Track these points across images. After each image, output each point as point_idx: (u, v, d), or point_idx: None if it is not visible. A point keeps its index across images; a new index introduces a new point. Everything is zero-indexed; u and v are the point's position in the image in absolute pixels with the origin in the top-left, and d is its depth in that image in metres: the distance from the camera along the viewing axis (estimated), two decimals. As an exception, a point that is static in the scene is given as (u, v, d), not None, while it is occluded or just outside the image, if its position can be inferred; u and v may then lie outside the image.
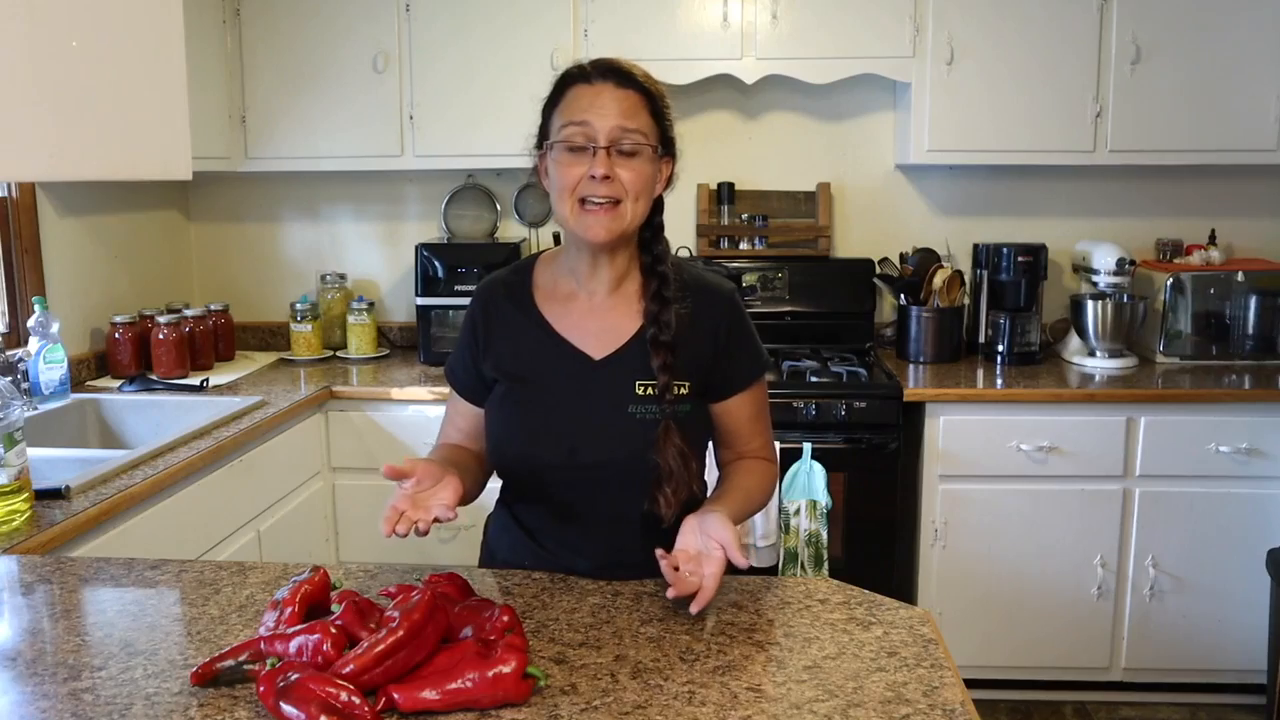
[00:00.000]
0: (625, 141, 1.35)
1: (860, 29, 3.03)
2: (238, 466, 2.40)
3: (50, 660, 1.19)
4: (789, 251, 3.39)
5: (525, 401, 1.45)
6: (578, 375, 1.43)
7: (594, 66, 1.38)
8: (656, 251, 1.45)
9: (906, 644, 1.21)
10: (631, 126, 1.36)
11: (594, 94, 1.36)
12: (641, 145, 1.37)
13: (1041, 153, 3.07)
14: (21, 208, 2.69)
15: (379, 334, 3.40)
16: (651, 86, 1.40)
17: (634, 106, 1.37)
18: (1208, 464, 2.81)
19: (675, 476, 1.38)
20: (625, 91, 1.37)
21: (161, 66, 1.93)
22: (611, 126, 1.35)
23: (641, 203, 1.39)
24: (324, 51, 3.11)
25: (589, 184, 1.35)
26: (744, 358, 1.49)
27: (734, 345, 1.48)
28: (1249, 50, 2.98)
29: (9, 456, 1.69)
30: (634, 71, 1.39)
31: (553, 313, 1.47)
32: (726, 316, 1.47)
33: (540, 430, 1.43)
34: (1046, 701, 3.00)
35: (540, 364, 1.45)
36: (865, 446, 2.82)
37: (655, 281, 1.43)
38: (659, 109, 1.40)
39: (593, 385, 1.43)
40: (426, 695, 1.05)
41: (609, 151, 1.35)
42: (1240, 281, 3.07)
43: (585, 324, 1.45)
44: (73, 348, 2.81)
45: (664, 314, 1.41)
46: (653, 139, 1.39)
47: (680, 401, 1.42)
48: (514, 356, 1.46)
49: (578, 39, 3.05)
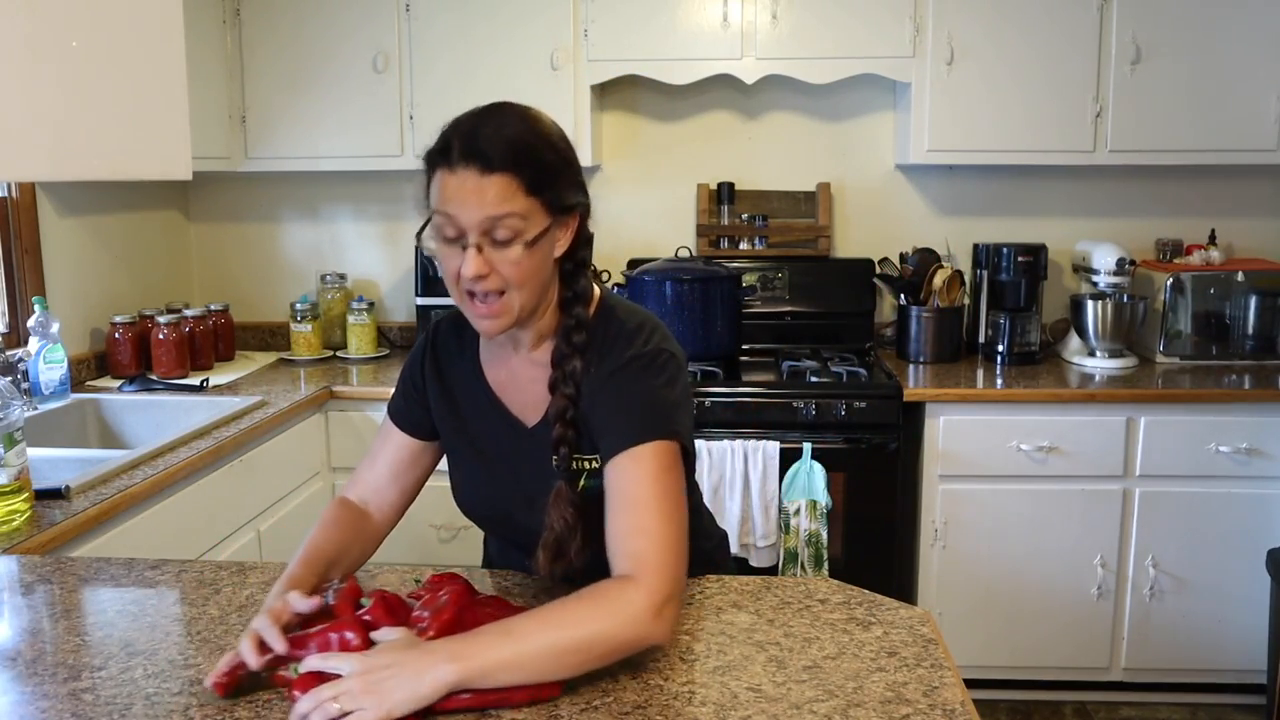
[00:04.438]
0: (498, 231, 1.20)
1: (860, 29, 3.03)
2: (238, 466, 2.40)
3: (50, 660, 1.19)
4: (789, 251, 3.39)
5: (466, 462, 1.43)
6: (510, 442, 1.38)
7: (458, 147, 1.21)
8: (576, 289, 1.32)
9: (906, 644, 1.21)
10: (501, 213, 1.19)
11: (458, 183, 1.20)
12: (516, 233, 1.21)
13: (1041, 153, 3.07)
14: (21, 208, 2.69)
15: (379, 334, 3.40)
16: (527, 153, 1.22)
17: (502, 192, 1.19)
18: (1208, 464, 2.81)
19: (558, 541, 1.26)
20: (490, 177, 1.19)
21: (161, 66, 1.93)
22: (479, 220, 1.19)
23: (529, 288, 1.25)
24: (324, 51, 3.11)
25: (466, 280, 1.22)
26: (618, 419, 1.25)
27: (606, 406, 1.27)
28: (1249, 50, 2.98)
29: (9, 456, 1.69)
30: (501, 147, 1.20)
31: (492, 367, 1.40)
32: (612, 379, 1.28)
33: (481, 492, 1.42)
34: (1046, 701, 3.00)
35: (479, 427, 1.40)
36: (865, 446, 2.82)
37: (570, 322, 1.31)
38: (539, 180, 1.22)
39: (523, 452, 1.36)
40: (462, 695, 1.05)
41: (479, 247, 1.20)
42: (1240, 281, 3.07)
43: (519, 376, 1.38)
44: (73, 348, 2.81)
45: (569, 361, 1.28)
46: (535, 218, 1.22)
47: (593, 475, 1.29)
48: (454, 408, 1.42)
49: (578, 39, 3.05)
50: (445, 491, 1.55)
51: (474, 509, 1.45)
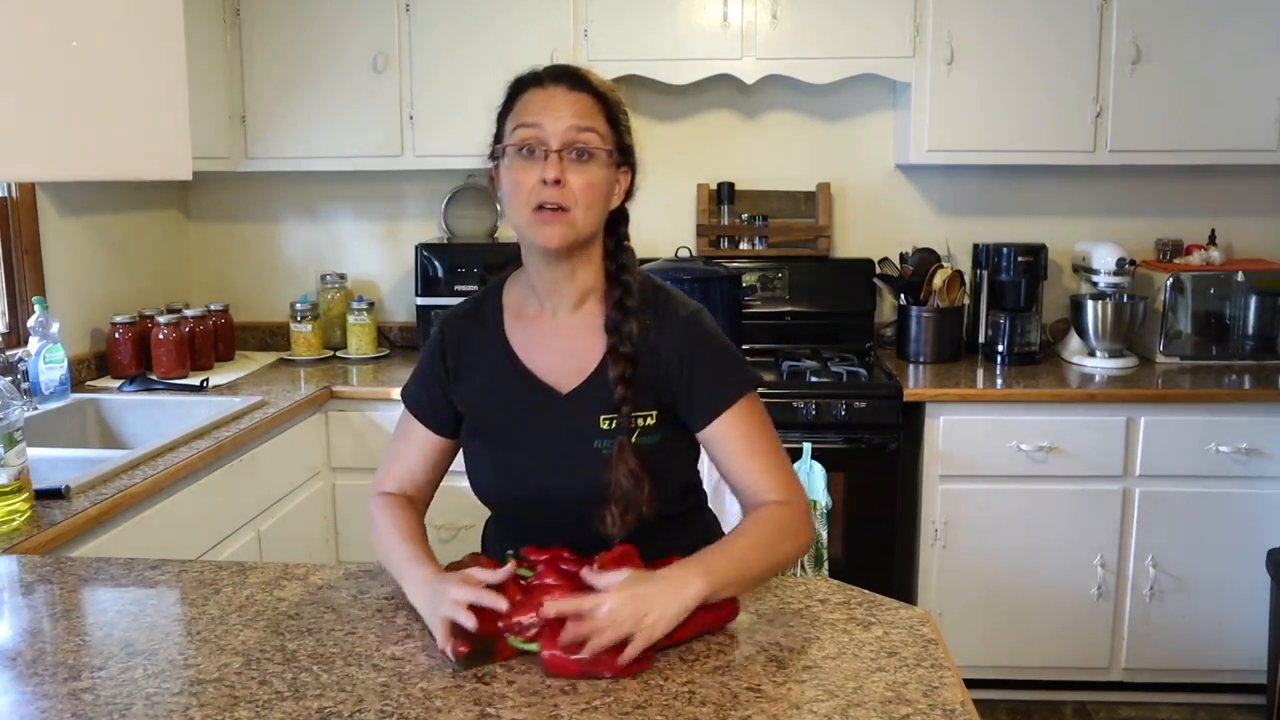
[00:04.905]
0: (579, 143, 1.30)
1: (860, 29, 3.03)
2: (237, 466, 2.40)
3: (50, 660, 1.19)
4: (789, 251, 3.39)
5: (495, 438, 1.42)
6: (544, 411, 1.39)
7: (547, 71, 1.35)
8: (621, 260, 1.41)
9: (906, 644, 1.21)
10: (585, 125, 1.31)
11: (547, 96, 1.32)
12: (596, 148, 1.31)
13: (1041, 153, 3.07)
14: (21, 208, 2.69)
15: (379, 334, 3.40)
16: (607, 92, 1.36)
17: (588, 108, 1.32)
18: (1208, 464, 2.81)
19: (625, 496, 1.32)
20: (579, 94, 1.32)
21: (161, 66, 1.93)
22: (565, 128, 1.29)
23: (594, 213, 1.33)
24: (324, 51, 3.11)
25: (541, 189, 1.29)
26: (712, 377, 1.38)
27: (700, 365, 1.38)
28: (1249, 50, 2.98)
29: (9, 456, 1.69)
30: (589, 76, 1.35)
31: (519, 338, 1.42)
32: (688, 335, 1.39)
33: (510, 466, 1.41)
34: (1046, 701, 3.00)
35: (507, 399, 1.41)
36: (865, 446, 2.82)
37: (618, 290, 1.38)
38: (614, 115, 1.35)
39: (559, 421, 1.38)
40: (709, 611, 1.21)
41: (561, 156, 1.29)
42: (1240, 281, 3.07)
43: (551, 347, 1.41)
44: (73, 348, 2.81)
45: (625, 324, 1.36)
46: (608, 143, 1.34)
47: (647, 432, 1.37)
48: (482, 390, 1.43)
49: (578, 39, 3.05)
50: (446, 491, 1.55)
51: (504, 488, 1.43)
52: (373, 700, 1.09)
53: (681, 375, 1.38)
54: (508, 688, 1.11)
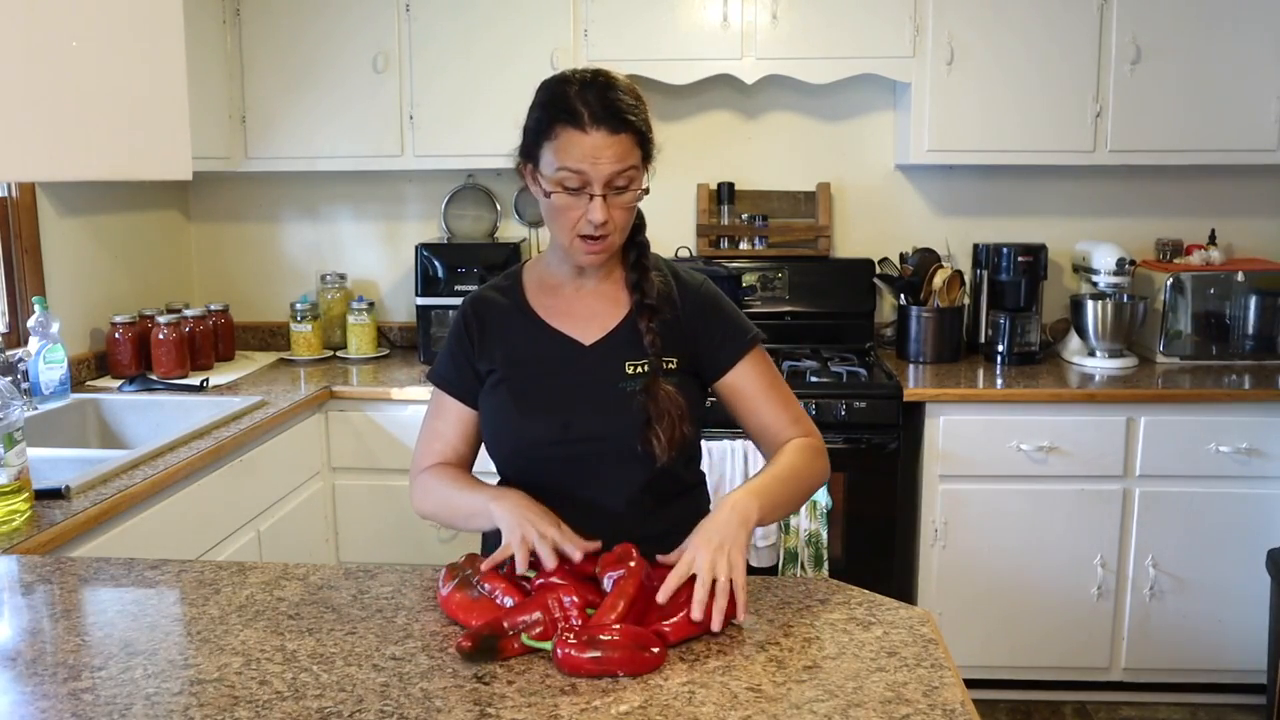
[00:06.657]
0: (619, 181, 1.38)
1: (860, 29, 3.03)
2: (238, 466, 2.40)
3: (50, 660, 1.19)
4: (789, 251, 3.39)
5: (518, 383, 1.49)
6: (568, 358, 1.48)
7: (588, 109, 1.36)
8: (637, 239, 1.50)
9: (906, 644, 1.21)
10: (625, 167, 1.38)
11: (591, 143, 1.35)
12: (633, 180, 1.40)
13: (1041, 153, 3.07)
14: (21, 208, 2.69)
15: (379, 334, 3.40)
16: (640, 118, 1.40)
17: (627, 149, 1.37)
18: (1208, 464, 2.81)
19: (666, 416, 1.42)
20: (619, 137, 1.36)
21: (161, 66, 1.92)
22: (609, 174, 1.36)
23: (627, 228, 1.45)
24: (324, 51, 3.11)
25: (586, 225, 1.39)
26: (727, 329, 1.52)
27: (713, 320, 1.52)
28: (1249, 50, 2.98)
29: (9, 456, 1.69)
30: (625, 108, 1.37)
31: (542, 305, 1.51)
32: (702, 295, 1.53)
33: (533, 406, 1.47)
34: (1046, 701, 3.00)
35: (532, 351, 1.49)
36: (865, 446, 2.82)
37: (634, 253, 1.49)
38: (645, 138, 1.41)
39: (583, 366, 1.47)
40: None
41: (605, 197, 1.37)
42: (1240, 281, 3.07)
43: (574, 310, 1.50)
44: (73, 348, 2.81)
45: (644, 281, 1.47)
46: (643, 168, 1.42)
47: (669, 375, 1.46)
48: (509, 348, 1.50)
49: (578, 39, 3.05)
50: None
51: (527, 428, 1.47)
52: (373, 700, 1.09)
53: (700, 330, 1.51)
54: (508, 688, 1.11)
